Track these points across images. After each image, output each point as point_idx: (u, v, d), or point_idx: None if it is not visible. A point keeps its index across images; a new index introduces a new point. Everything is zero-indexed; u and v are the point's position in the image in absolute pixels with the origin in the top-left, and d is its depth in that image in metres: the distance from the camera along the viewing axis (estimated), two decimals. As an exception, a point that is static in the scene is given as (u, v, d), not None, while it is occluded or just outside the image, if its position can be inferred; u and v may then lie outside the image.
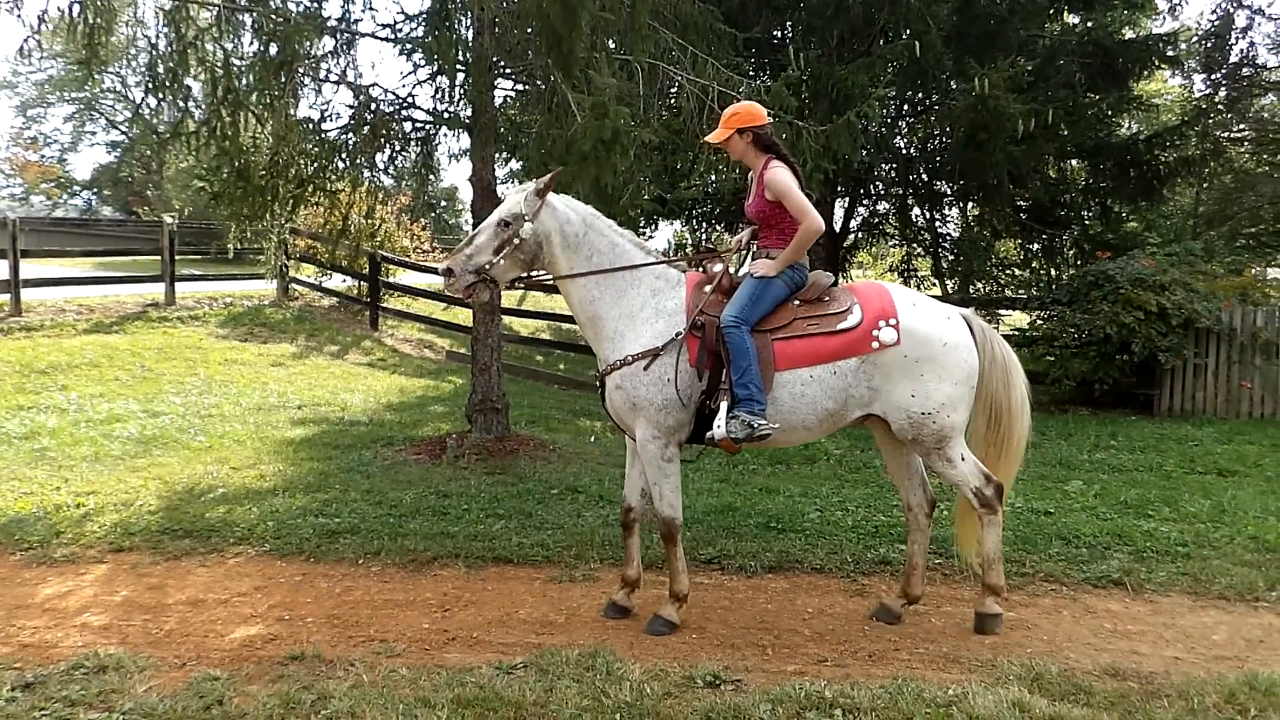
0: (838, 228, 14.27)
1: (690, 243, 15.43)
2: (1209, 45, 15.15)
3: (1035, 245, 14.19)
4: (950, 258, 14.55)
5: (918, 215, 14.83)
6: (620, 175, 6.45)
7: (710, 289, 4.26)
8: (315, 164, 7.74)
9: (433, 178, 9.04)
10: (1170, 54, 13.34)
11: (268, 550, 5.28)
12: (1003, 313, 14.39)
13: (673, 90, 7.92)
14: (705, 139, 4.63)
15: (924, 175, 14.00)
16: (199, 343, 12.43)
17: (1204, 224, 15.64)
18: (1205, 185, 15.85)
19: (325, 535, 5.46)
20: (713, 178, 12.03)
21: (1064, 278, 13.02)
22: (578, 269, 4.32)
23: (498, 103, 8.50)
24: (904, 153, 13.79)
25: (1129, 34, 13.96)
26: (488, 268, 4.20)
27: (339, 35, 7.62)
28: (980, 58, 11.12)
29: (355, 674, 3.65)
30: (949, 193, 14.20)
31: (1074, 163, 14.03)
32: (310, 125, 7.72)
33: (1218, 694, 3.49)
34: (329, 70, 7.69)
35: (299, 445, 7.88)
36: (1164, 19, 16.23)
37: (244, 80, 6.90)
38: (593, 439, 8.82)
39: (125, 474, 6.73)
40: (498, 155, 9.93)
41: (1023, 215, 13.67)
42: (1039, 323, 11.29)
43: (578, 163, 6.04)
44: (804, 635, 4.24)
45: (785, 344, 4.15)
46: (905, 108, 13.79)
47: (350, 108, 7.81)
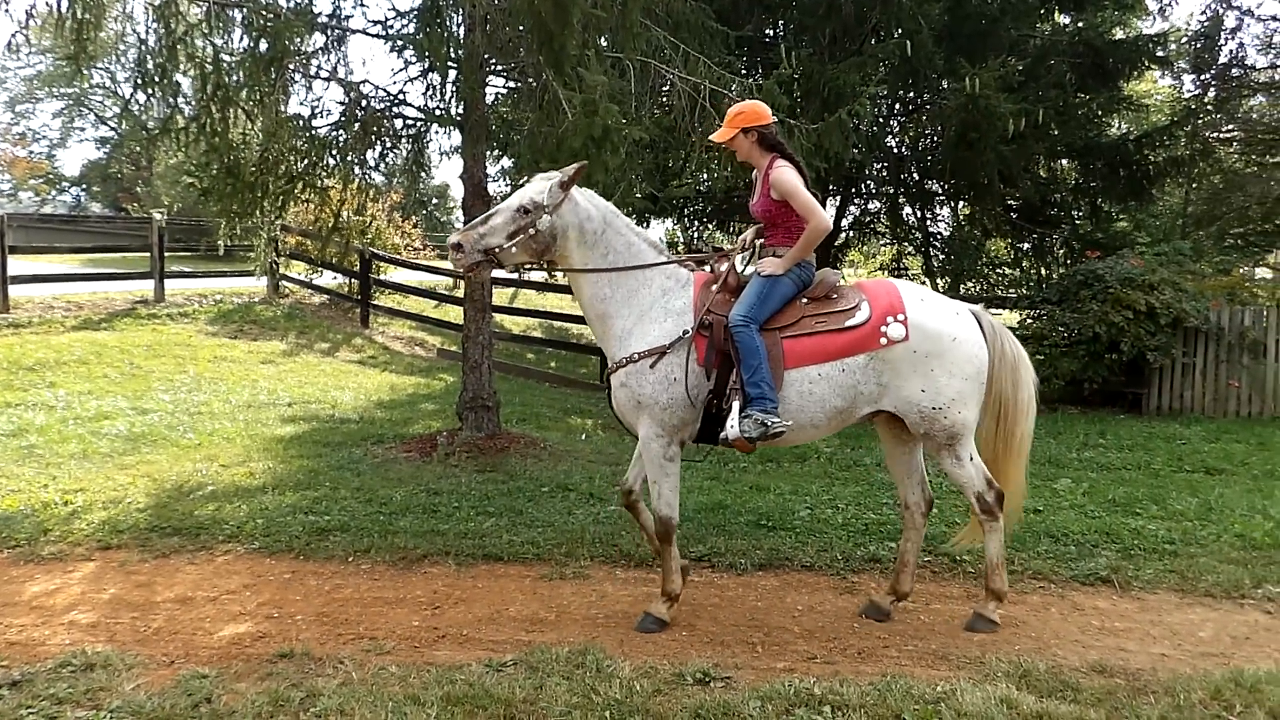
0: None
1: (682, 241, 15.42)
2: (1198, 46, 15.22)
3: (1025, 244, 14.24)
4: (941, 257, 14.60)
5: (909, 214, 14.87)
6: (612, 173, 6.44)
7: (716, 288, 4.24)
8: (305, 161, 7.71)
9: (424, 175, 9.02)
10: (1160, 54, 13.40)
11: (257, 548, 5.26)
12: (993, 312, 14.36)
13: (664, 88, 7.92)
14: (710, 138, 4.58)
15: (915, 174, 14.04)
16: (188, 340, 12.37)
17: (1193, 224, 15.70)
18: (1194, 185, 15.91)
19: (315, 533, 5.45)
20: (704, 176, 12.03)
21: (1054, 277, 13.09)
22: (592, 265, 4.28)
23: (489, 100, 8.49)
24: (895, 151, 13.81)
25: (1119, 34, 14.04)
26: (497, 250, 4.14)
27: (329, 31, 7.61)
28: (971, 57, 11.14)
29: (344, 671, 3.64)
30: (940, 192, 14.24)
31: (1064, 162, 14.09)
32: (300, 122, 7.69)
33: (1203, 690, 3.51)
34: (319, 67, 7.69)
35: (289, 443, 7.85)
36: (1154, 20, 16.32)
37: (234, 76, 6.88)
38: (584, 437, 8.82)
39: (114, 471, 6.70)
40: (489, 152, 9.94)
41: (1013, 214, 13.73)
42: (1029, 322, 11.34)
43: (568, 160, 6.01)
44: (794, 632, 4.25)
45: (794, 342, 4.13)
46: (896, 107, 13.81)
47: (341, 104, 7.79)
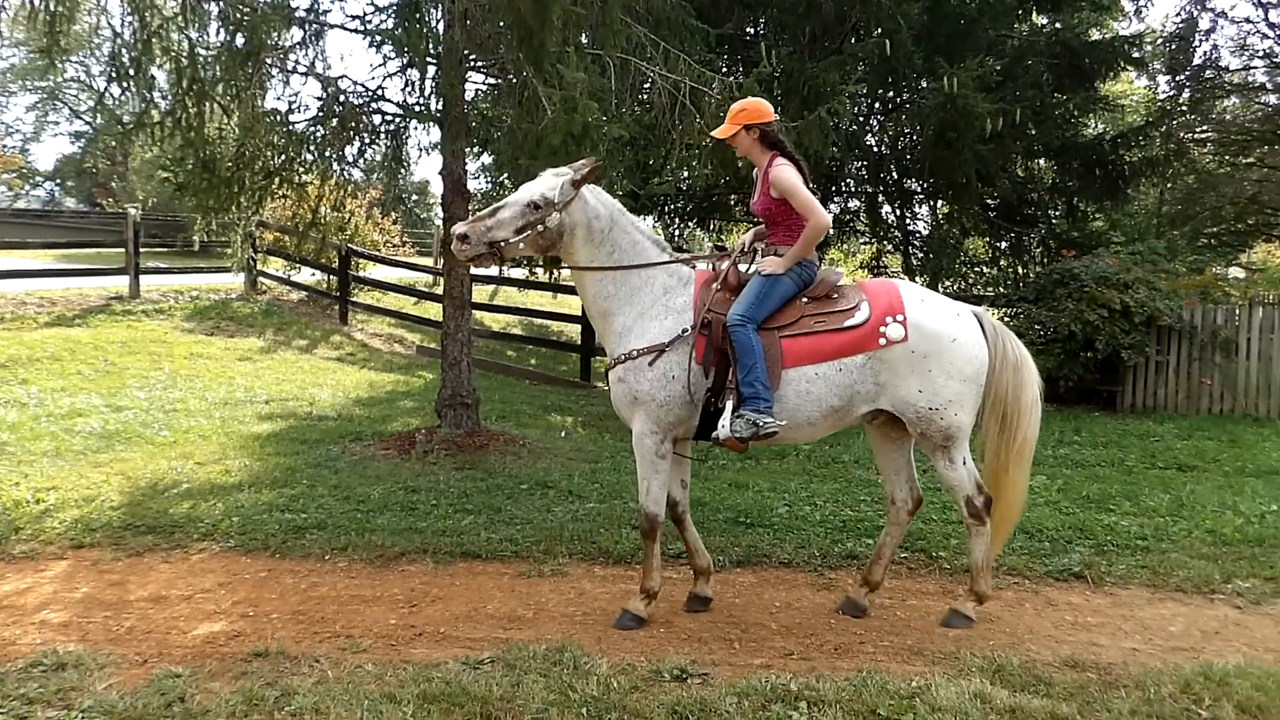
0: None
1: (662, 238, 15.40)
2: (1173, 47, 15.42)
3: (1003, 243, 14.34)
4: (920, 255, 14.66)
5: (888, 212, 14.93)
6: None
7: (717, 286, 4.24)
8: (283, 156, 7.66)
9: (403, 171, 8.97)
10: (1136, 55, 13.55)
11: (232, 546, 5.22)
12: (972, 309, 14.50)
13: (645, 85, 7.93)
14: (712, 133, 4.55)
15: (894, 173, 14.10)
16: (164, 337, 12.25)
17: (1167, 223, 15.90)
18: (1169, 185, 16.09)
19: (291, 531, 5.41)
20: (685, 173, 12.03)
21: (1031, 275, 13.18)
22: (597, 263, 4.28)
23: (469, 96, 8.45)
24: (874, 150, 13.86)
25: (1095, 35, 14.15)
26: (503, 244, 4.12)
27: (307, 26, 7.55)
28: (950, 57, 11.20)
29: (320, 670, 3.62)
30: (919, 190, 14.31)
31: (1041, 162, 14.20)
32: (278, 117, 7.64)
33: (1174, 684, 3.55)
34: (297, 62, 7.63)
35: (266, 440, 7.80)
36: (1130, 21, 16.51)
37: (210, 70, 6.82)
38: (563, 434, 8.81)
39: (87, 469, 6.63)
40: (469, 149, 9.88)
41: (991, 213, 13.82)
42: (1006, 320, 11.41)
43: (548, 157, 6.01)
44: (771, 629, 4.26)
45: (792, 341, 4.13)
46: (876, 106, 13.87)
47: (319, 100, 7.75)
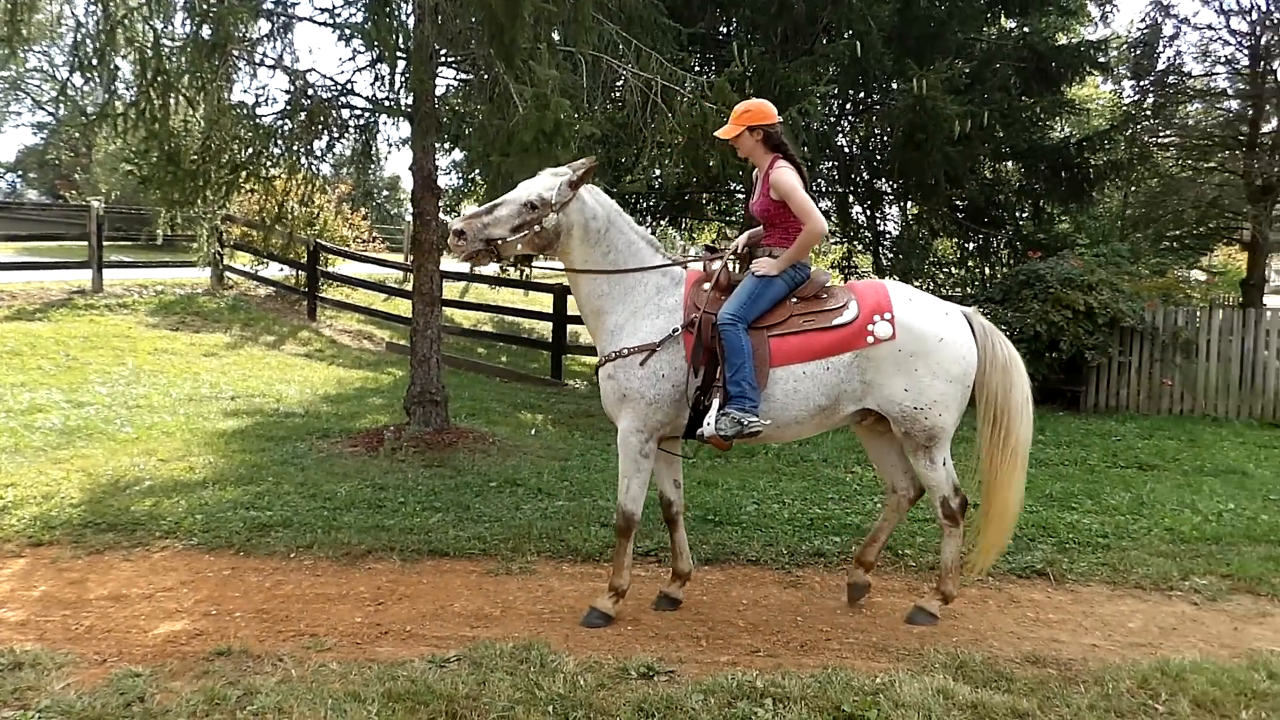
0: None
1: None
2: (1138, 53, 15.59)
3: (971, 244, 14.50)
4: (890, 256, 14.78)
5: (858, 213, 15.05)
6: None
7: (709, 286, 4.25)
8: (250, 149, 7.58)
9: (373, 166, 8.92)
10: (1101, 60, 13.73)
11: (195, 544, 5.16)
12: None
13: (617, 83, 7.92)
14: (716, 133, 4.55)
15: (864, 174, 14.21)
16: (127, 331, 12.06)
17: (1131, 226, 16.11)
18: (1133, 188, 16.32)
19: (256, 528, 5.36)
20: (657, 172, 12.03)
21: (997, 277, 13.33)
22: (592, 264, 4.29)
23: (440, 92, 8.41)
24: (845, 151, 13.95)
25: (1062, 40, 14.35)
26: (500, 243, 4.11)
27: (275, 18, 7.47)
28: (920, 59, 11.30)
29: (284, 669, 3.59)
30: (889, 191, 14.43)
31: (1008, 164, 14.38)
32: (245, 110, 7.55)
33: (1131, 680, 3.62)
34: (264, 54, 7.55)
35: (231, 437, 7.70)
36: (1096, 26, 16.70)
37: (175, 62, 6.73)
38: (533, 432, 8.79)
39: (46, 465, 6.51)
40: (440, 145, 9.83)
41: (959, 215, 13.97)
42: (974, 320, 11.54)
43: (519, 154, 6.00)
44: (738, 626, 4.29)
45: (781, 340, 4.15)
46: (847, 106, 13.96)
47: (287, 93, 7.67)
